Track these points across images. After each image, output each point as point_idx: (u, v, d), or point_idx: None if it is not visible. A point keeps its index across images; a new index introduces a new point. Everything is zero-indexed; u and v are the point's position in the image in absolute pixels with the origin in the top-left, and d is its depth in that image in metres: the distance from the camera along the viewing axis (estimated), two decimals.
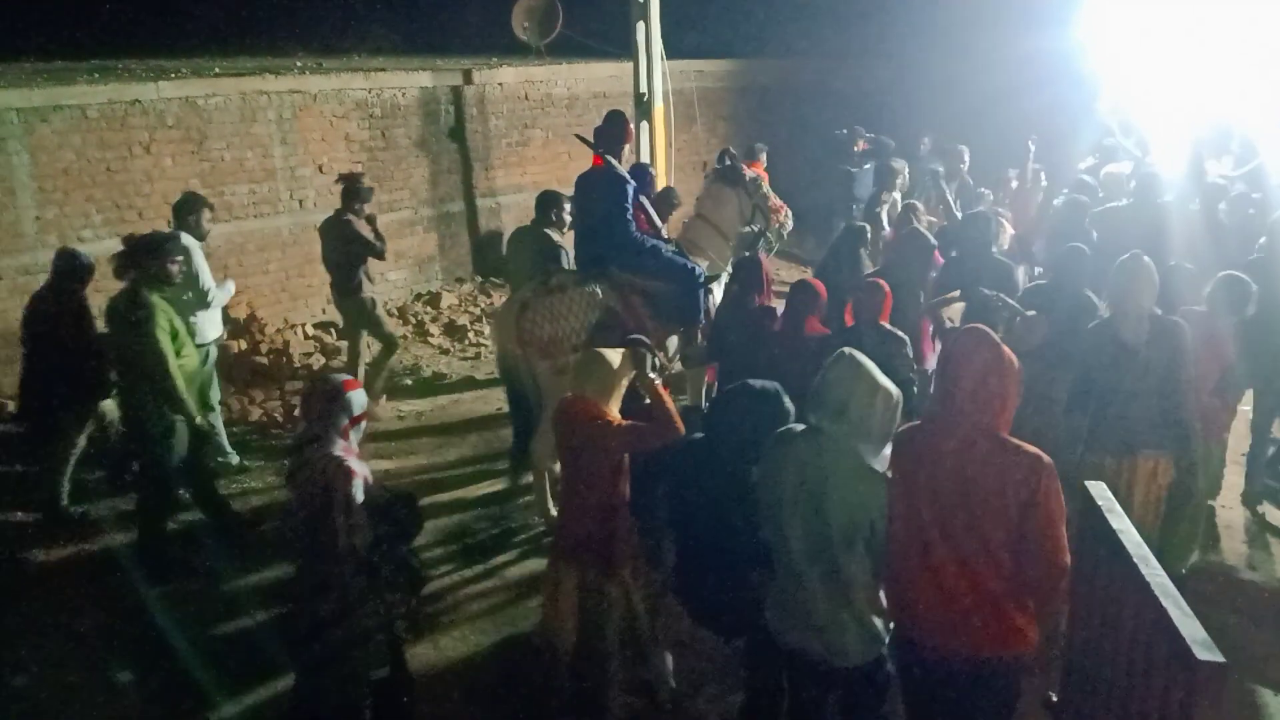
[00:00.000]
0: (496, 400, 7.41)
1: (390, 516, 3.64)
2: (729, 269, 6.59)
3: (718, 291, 6.58)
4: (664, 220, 7.01)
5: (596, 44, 11.93)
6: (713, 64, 13.20)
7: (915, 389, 4.95)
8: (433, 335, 9.40)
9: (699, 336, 6.13)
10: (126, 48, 11.44)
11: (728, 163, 6.82)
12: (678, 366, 6.32)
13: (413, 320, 9.61)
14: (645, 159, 10.48)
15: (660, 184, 8.61)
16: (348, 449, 3.55)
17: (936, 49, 13.72)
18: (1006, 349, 3.01)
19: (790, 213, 6.98)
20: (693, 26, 11.57)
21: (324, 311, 9.38)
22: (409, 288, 10.09)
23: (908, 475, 3.05)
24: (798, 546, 3.14)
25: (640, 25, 9.21)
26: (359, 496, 3.45)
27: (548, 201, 7.04)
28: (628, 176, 6.04)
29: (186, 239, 5.99)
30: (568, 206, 6.84)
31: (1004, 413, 2.96)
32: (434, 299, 10.03)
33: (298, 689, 3.73)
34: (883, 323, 5.15)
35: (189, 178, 8.21)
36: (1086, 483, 3.63)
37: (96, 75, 8.62)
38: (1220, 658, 2.55)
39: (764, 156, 10.45)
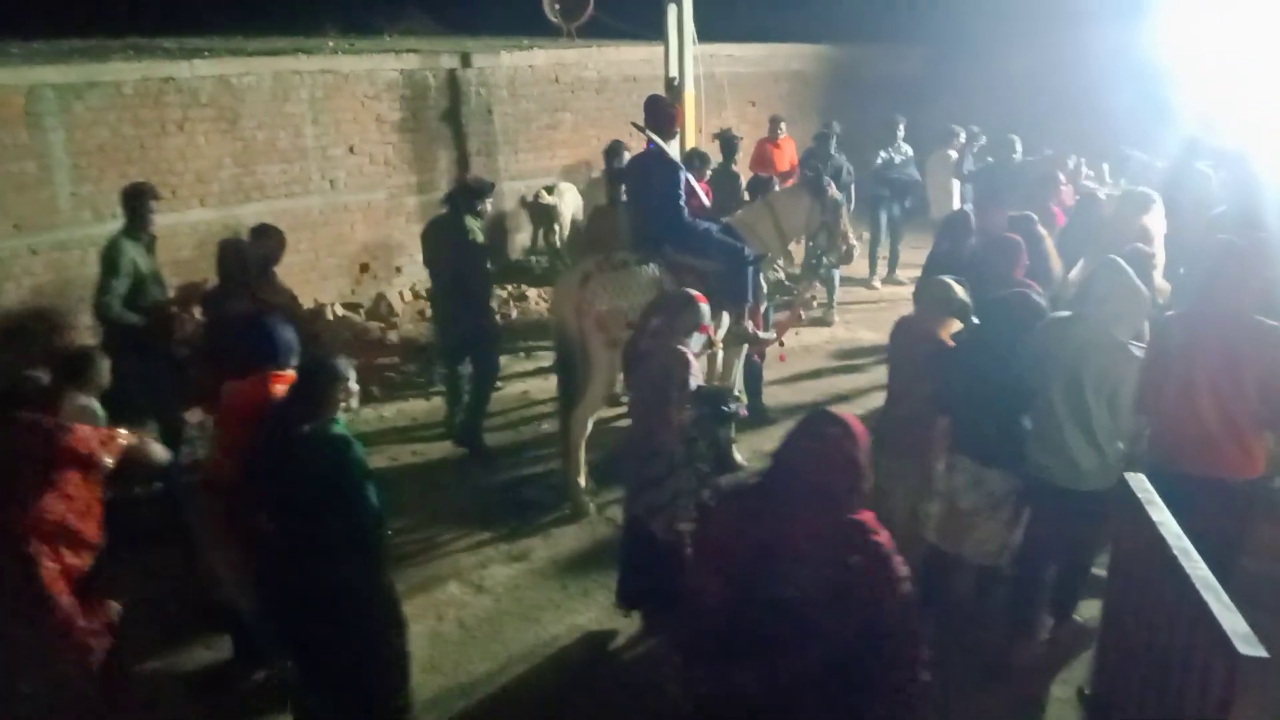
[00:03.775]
0: None
1: (712, 402, 4.60)
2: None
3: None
4: (699, 180, 7.15)
5: (627, 27, 11.87)
6: (744, 48, 13.10)
7: None
8: None
9: (745, 316, 6.27)
10: (161, 26, 11.50)
11: (822, 178, 6.88)
12: (720, 346, 6.42)
13: None
14: (674, 146, 10.43)
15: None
16: (685, 346, 4.52)
17: (973, 35, 13.58)
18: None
19: (855, 248, 7.07)
20: (725, 10, 11.47)
21: (352, 292, 9.43)
22: None
23: (1180, 346, 4.06)
24: (1059, 400, 4.16)
25: (672, 8, 9.15)
26: (691, 383, 4.42)
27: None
28: (678, 161, 6.16)
29: None
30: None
31: (1248, 298, 4.02)
32: None
33: (628, 530, 4.71)
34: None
35: (222, 156, 8.26)
36: (1126, 475, 3.59)
37: (132, 53, 8.68)
38: (1263, 651, 2.51)
39: (784, 127, 10.46)
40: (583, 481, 6.02)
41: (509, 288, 10.14)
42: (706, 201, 6.75)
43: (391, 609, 3.94)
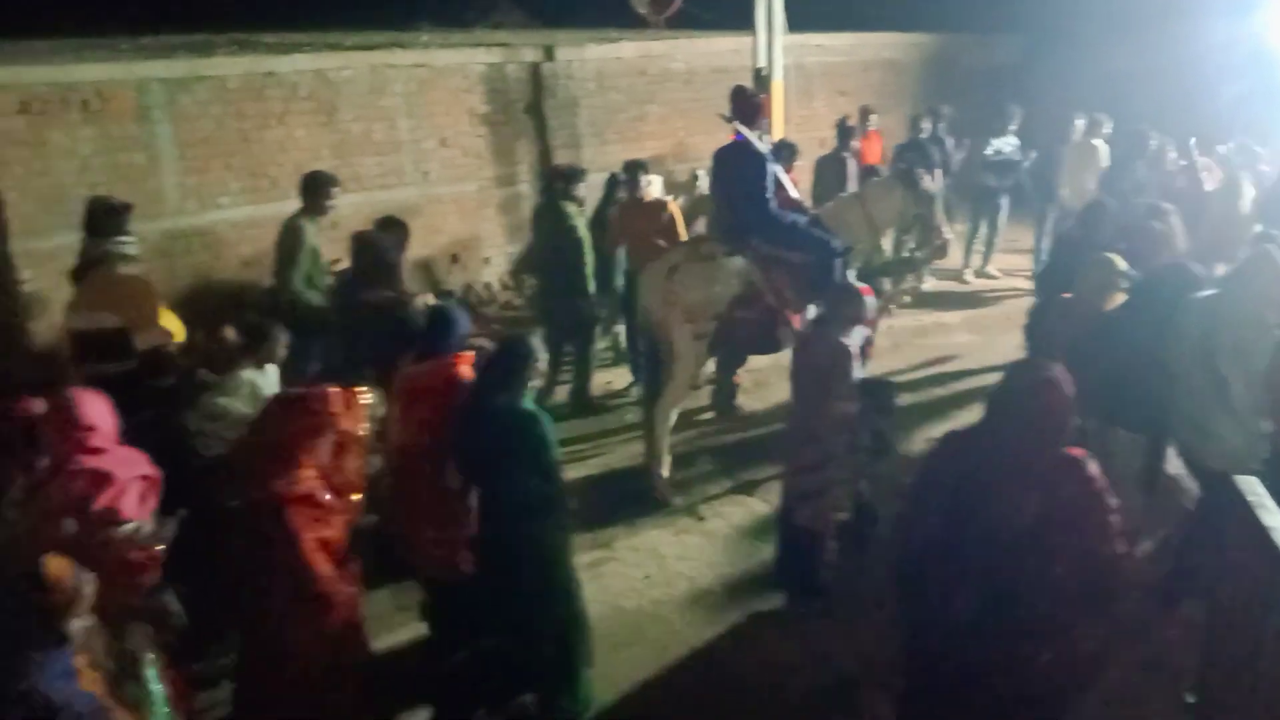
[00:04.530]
0: None
1: (875, 394, 4.77)
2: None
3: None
4: (788, 171, 7.16)
5: (715, 17, 11.82)
6: (834, 37, 12.91)
7: None
8: None
9: None
10: (262, 22, 11.85)
11: (914, 170, 6.79)
12: None
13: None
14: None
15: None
16: (847, 337, 4.67)
17: (1073, 24, 13.16)
18: None
19: (949, 242, 6.92)
20: None
21: (443, 283, 9.60)
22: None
23: None
24: (1196, 371, 4.41)
25: None
26: (853, 375, 4.60)
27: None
28: (765, 152, 6.12)
29: None
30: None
31: None
32: None
33: (782, 517, 4.93)
34: None
35: (320, 148, 8.47)
36: (1236, 477, 3.43)
37: (235, 48, 8.96)
38: None
39: (874, 119, 10.28)
40: (665, 472, 6.05)
41: None
42: (794, 193, 6.68)
43: (573, 569, 4.26)
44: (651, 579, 5.27)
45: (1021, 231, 10.75)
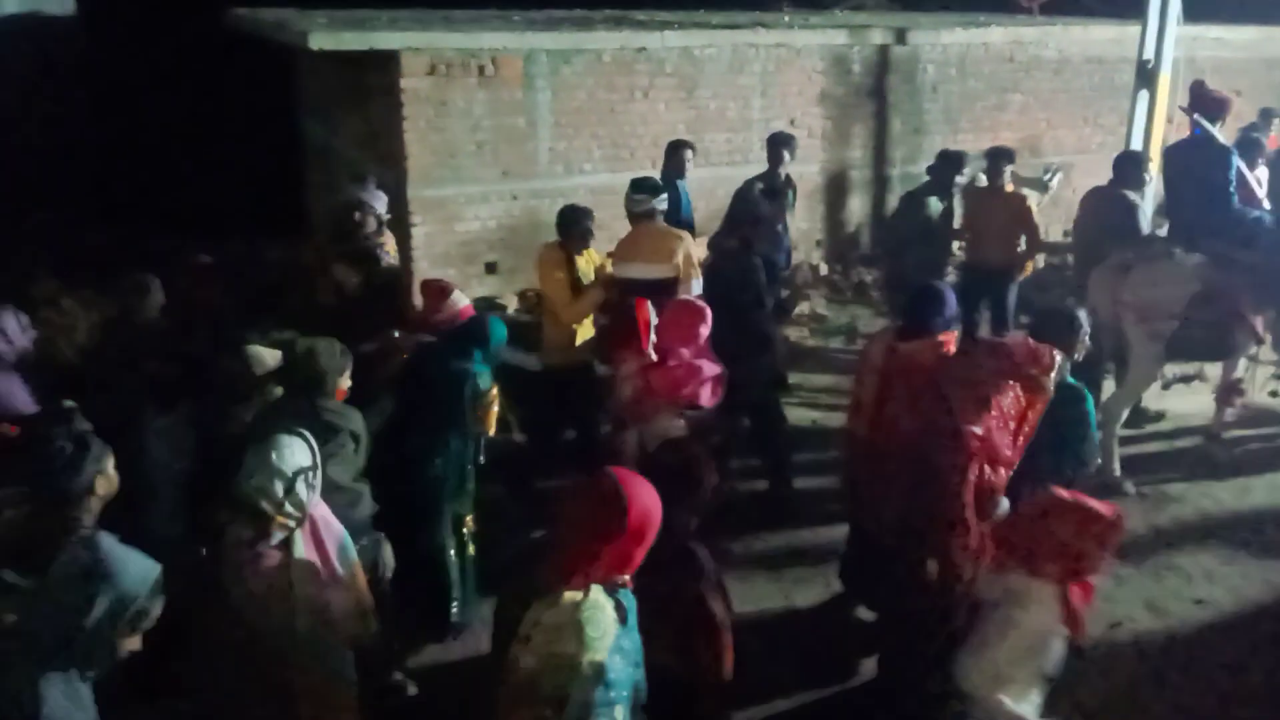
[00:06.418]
0: None
1: None
2: None
3: None
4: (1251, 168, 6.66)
5: (1098, 4, 10.96)
6: (1234, 30, 11.56)
7: None
8: None
9: None
10: None
11: None
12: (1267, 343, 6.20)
13: None
14: (1139, 132, 9.54)
15: (1152, 166, 7.88)
16: None
17: None
18: None
19: None
20: None
21: None
22: None
23: None
24: None
25: None
26: None
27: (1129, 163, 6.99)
28: (1231, 147, 5.97)
29: None
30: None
31: None
32: None
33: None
34: None
35: (677, 123, 8.82)
36: None
37: (611, 24, 9.51)
38: None
39: (1278, 123, 9.06)
40: (1116, 469, 6.03)
41: None
42: (1260, 191, 6.36)
43: None
44: None
45: None
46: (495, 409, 4.52)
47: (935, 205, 7.02)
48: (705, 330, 4.67)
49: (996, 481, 3.75)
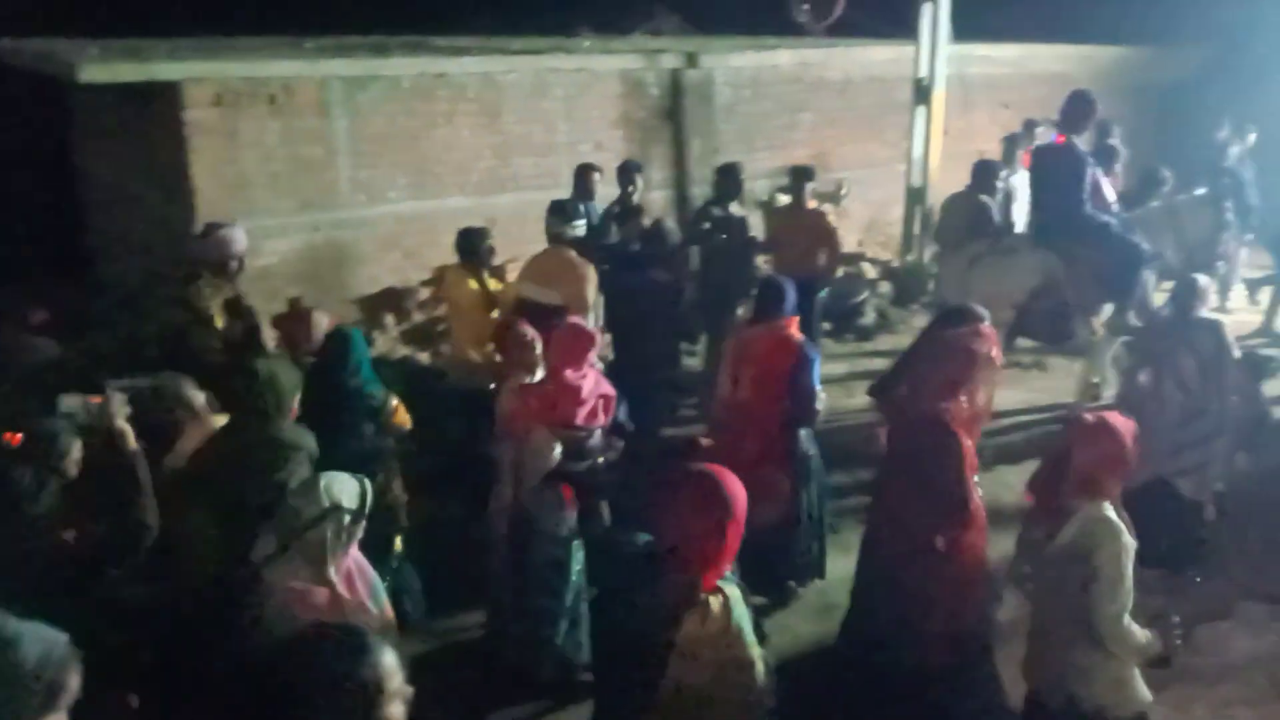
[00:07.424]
0: None
1: (1252, 366, 5.61)
2: None
3: None
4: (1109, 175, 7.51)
5: (876, 25, 11.65)
6: (1000, 48, 12.51)
7: None
8: None
9: (1128, 310, 6.58)
10: (432, 25, 12.33)
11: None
12: (1100, 334, 6.81)
13: None
14: (918, 147, 10.17)
15: (931, 177, 8.51)
16: None
17: (1254, 34, 12.41)
18: None
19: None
20: (980, 8, 11.01)
21: None
22: None
23: None
24: None
25: (928, 6, 8.93)
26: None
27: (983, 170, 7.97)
28: (1087, 156, 6.57)
29: None
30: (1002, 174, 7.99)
31: None
32: None
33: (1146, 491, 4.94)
34: None
35: (483, 148, 8.78)
36: None
37: (409, 50, 9.38)
38: None
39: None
40: None
41: None
42: (1111, 196, 6.97)
43: None
44: None
45: None
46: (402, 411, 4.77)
47: (716, 213, 7.37)
48: (593, 354, 4.89)
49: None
